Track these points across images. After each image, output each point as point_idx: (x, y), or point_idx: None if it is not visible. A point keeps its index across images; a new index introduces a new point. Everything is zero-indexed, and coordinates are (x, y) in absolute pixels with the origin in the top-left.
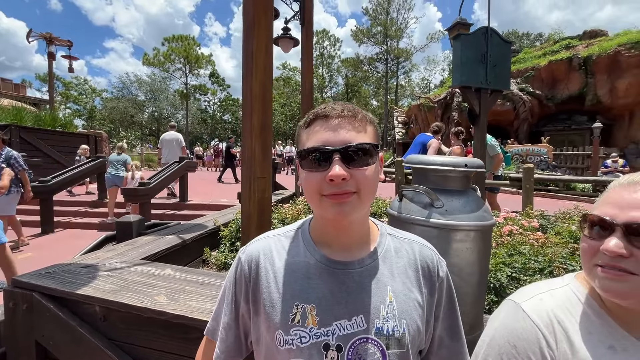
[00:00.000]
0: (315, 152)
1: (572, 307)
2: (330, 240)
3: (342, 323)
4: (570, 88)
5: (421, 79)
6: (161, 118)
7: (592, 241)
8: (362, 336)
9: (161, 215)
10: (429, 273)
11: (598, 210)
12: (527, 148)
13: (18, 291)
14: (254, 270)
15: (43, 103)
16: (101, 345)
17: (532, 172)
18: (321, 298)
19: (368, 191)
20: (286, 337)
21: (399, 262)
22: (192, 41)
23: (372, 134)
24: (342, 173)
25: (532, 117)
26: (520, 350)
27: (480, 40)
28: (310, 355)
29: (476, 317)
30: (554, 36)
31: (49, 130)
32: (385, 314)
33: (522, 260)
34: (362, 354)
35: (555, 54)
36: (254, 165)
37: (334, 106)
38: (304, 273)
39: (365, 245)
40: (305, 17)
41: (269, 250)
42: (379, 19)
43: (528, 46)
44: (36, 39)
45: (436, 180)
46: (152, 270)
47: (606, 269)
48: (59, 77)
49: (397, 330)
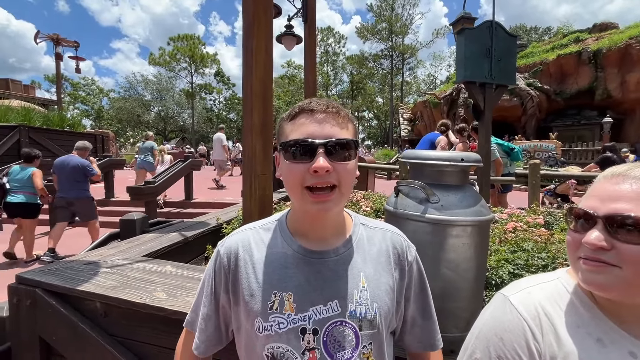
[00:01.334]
0: (300, 144)
1: (561, 299)
2: (306, 231)
3: (318, 308)
4: (580, 82)
5: (427, 75)
6: (167, 117)
7: (576, 234)
8: (337, 319)
9: (167, 214)
10: (399, 258)
11: (583, 203)
12: (535, 144)
13: (22, 287)
14: (232, 262)
15: (51, 103)
16: (102, 341)
17: (539, 168)
18: (298, 286)
19: (347, 184)
20: (265, 324)
21: (371, 250)
22: (197, 40)
23: (353, 131)
24: (327, 165)
25: (540, 112)
26: (507, 342)
27: (484, 34)
28: (288, 340)
29: (474, 313)
30: (562, 30)
31: (57, 130)
32: (358, 298)
33: (524, 256)
34: (336, 336)
35: (564, 48)
36: (254, 163)
37: (319, 101)
38: (282, 263)
39: (340, 235)
40: (308, 14)
41: (248, 242)
42: (383, 15)
43: (536, 40)
44: (44, 40)
45: (432, 175)
46: (153, 267)
47: (588, 261)
48: (67, 77)
49: (369, 313)
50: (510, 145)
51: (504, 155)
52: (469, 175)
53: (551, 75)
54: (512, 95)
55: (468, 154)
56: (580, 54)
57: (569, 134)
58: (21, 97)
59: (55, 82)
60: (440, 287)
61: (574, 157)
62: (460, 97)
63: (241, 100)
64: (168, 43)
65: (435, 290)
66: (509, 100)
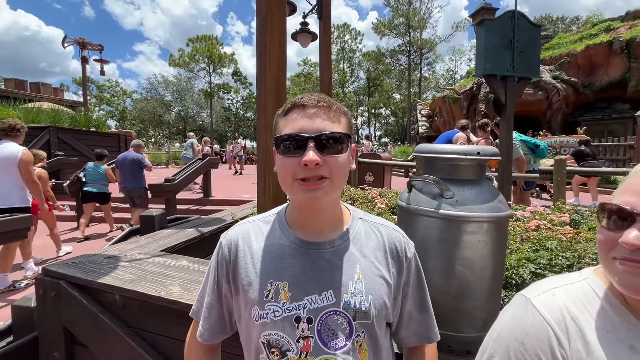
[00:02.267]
0: (291, 139)
1: (589, 303)
2: (304, 224)
3: (312, 298)
4: (611, 74)
5: (446, 70)
6: (187, 117)
7: (610, 232)
8: (331, 309)
9: (186, 211)
10: (397, 254)
11: (617, 199)
12: (561, 139)
13: (47, 279)
14: (233, 253)
15: (79, 105)
16: (121, 332)
17: (565, 164)
18: (293, 276)
19: (339, 177)
20: (261, 312)
21: (368, 244)
22: (215, 41)
23: (346, 125)
24: (316, 159)
25: (567, 106)
26: (529, 348)
27: (506, 25)
28: (283, 327)
29: (490, 314)
30: (592, 19)
31: (84, 130)
32: (353, 289)
33: (547, 255)
34: (330, 325)
35: (593, 38)
36: (268, 160)
37: (311, 96)
38: (279, 254)
39: (337, 228)
40: (323, 10)
41: (247, 234)
42: (401, 10)
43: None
44: (71, 44)
45: (447, 169)
46: (169, 262)
47: (626, 262)
48: (93, 80)
49: (364, 304)
50: (536, 142)
51: (528, 152)
52: (485, 170)
53: (579, 67)
54: (536, 89)
55: (485, 147)
56: (611, 44)
57: (599, 129)
58: (51, 100)
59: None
60: (455, 285)
61: (604, 152)
62: (481, 91)
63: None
64: (187, 44)
65: (449, 289)
66: (533, 94)
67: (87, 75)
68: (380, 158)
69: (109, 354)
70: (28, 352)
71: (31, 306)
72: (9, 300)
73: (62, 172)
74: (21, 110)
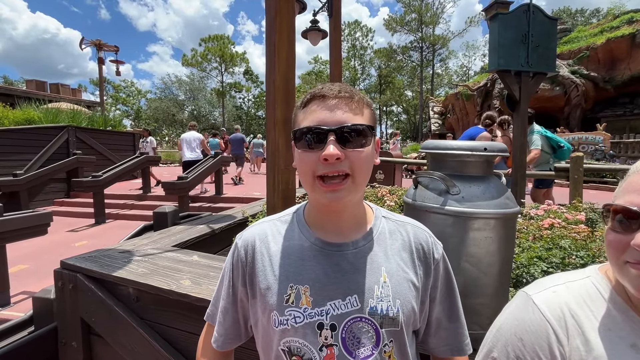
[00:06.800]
0: (311, 132)
1: (591, 301)
2: (324, 223)
3: (335, 303)
4: (633, 68)
5: (459, 66)
6: (200, 116)
7: (618, 235)
8: (356, 315)
9: (198, 208)
10: (424, 255)
11: (622, 199)
12: (580, 136)
13: (65, 272)
14: (250, 255)
15: (95, 105)
16: (134, 324)
17: (582, 161)
18: (314, 279)
19: (362, 173)
20: (281, 318)
21: (393, 244)
22: (227, 40)
23: (369, 117)
24: (337, 153)
25: (586, 102)
26: (527, 344)
27: (521, 19)
28: (304, 335)
29: (497, 311)
30: (613, 10)
31: (101, 130)
32: (379, 294)
33: (560, 254)
34: (356, 333)
35: (614, 30)
36: (277, 158)
37: (332, 87)
38: (299, 255)
39: (359, 228)
40: (333, 7)
41: (265, 235)
42: (412, 6)
43: (582, 24)
44: (88, 46)
45: (454, 165)
46: (181, 257)
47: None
48: (109, 80)
49: (391, 310)
50: (560, 141)
51: (548, 150)
52: (493, 166)
53: (599, 61)
54: (553, 84)
55: (492, 142)
56: (634, 36)
57: (620, 125)
58: (69, 100)
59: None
60: (461, 282)
61: (626, 149)
62: (496, 88)
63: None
64: (199, 44)
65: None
66: (550, 90)
67: (103, 75)
68: (391, 156)
69: (123, 344)
70: (48, 341)
71: (51, 298)
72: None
73: (80, 170)
74: (42, 110)
